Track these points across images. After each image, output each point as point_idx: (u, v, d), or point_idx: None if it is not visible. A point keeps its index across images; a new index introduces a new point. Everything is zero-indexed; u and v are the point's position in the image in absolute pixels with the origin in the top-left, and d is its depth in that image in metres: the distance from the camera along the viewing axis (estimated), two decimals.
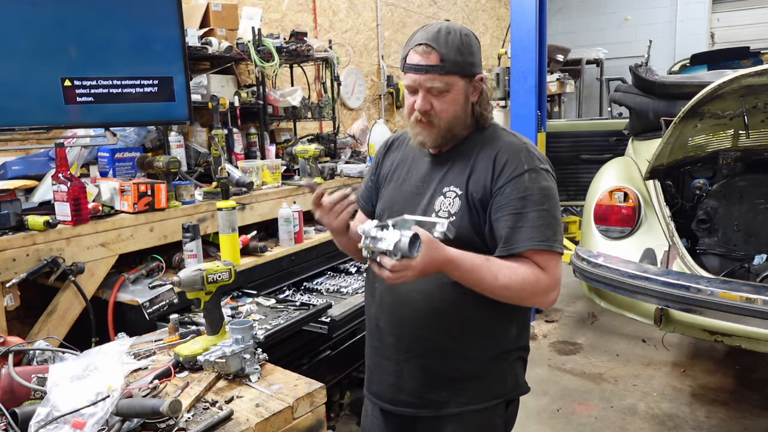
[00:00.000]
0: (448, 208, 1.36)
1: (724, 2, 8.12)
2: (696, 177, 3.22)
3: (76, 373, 1.22)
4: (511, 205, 1.29)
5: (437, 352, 1.41)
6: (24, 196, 2.33)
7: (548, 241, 1.27)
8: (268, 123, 3.48)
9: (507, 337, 1.45)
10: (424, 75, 1.31)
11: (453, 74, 1.31)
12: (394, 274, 1.14)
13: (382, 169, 1.57)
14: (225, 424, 1.18)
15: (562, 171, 4.89)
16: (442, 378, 1.41)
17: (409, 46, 1.34)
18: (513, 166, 1.31)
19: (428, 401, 1.43)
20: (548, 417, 3.03)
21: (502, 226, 1.29)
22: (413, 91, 1.35)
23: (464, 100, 1.36)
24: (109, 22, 2.30)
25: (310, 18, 4.59)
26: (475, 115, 1.41)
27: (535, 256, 1.27)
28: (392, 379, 1.47)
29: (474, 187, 1.34)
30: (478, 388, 1.42)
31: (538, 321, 4.32)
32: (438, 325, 1.39)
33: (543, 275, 1.27)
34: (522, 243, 1.27)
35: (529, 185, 1.29)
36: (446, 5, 6.56)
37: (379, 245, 1.13)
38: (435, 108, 1.33)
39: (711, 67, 4.44)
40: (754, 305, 2.22)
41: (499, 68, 4.60)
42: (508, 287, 1.25)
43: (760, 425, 2.89)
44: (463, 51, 1.32)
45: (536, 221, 1.27)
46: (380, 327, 1.48)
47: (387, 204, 1.50)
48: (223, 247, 2.41)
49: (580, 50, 7.77)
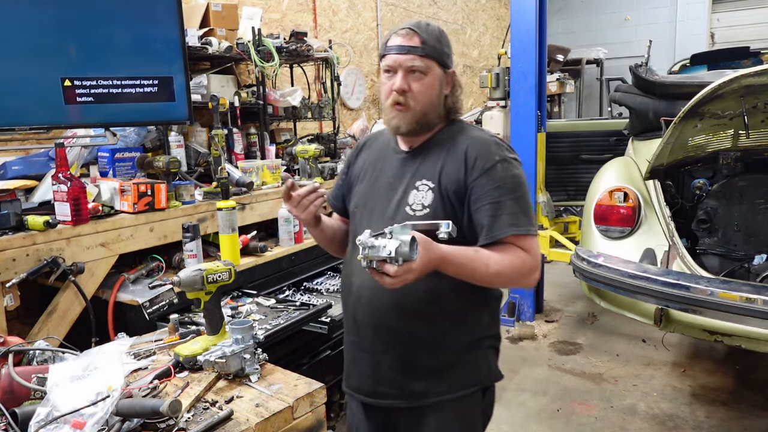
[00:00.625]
0: (421, 201, 1.41)
1: (724, 2, 8.12)
2: (696, 177, 3.22)
3: (76, 373, 1.22)
4: (488, 195, 1.35)
5: (415, 342, 1.44)
6: (24, 196, 2.33)
7: (526, 225, 1.36)
8: (268, 123, 3.48)
9: (480, 325, 1.50)
10: (405, 55, 1.37)
11: (432, 59, 1.39)
12: (396, 279, 1.16)
13: (354, 169, 1.61)
14: (225, 424, 1.18)
15: (562, 171, 4.89)
16: (421, 367, 1.45)
17: (390, 33, 1.42)
18: (485, 159, 1.38)
19: (408, 392, 1.46)
20: (548, 417, 3.03)
21: (482, 215, 1.36)
22: (393, 73, 1.39)
23: (439, 87, 1.43)
24: (109, 22, 2.30)
25: (310, 18, 4.59)
26: (447, 108, 1.47)
27: (517, 241, 1.35)
28: (371, 371, 1.50)
29: (447, 180, 1.40)
30: (455, 376, 1.46)
31: (538, 321, 4.32)
32: (415, 316, 1.43)
33: (527, 257, 1.35)
34: (503, 230, 1.34)
35: (502, 175, 1.37)
36: (446, 5, 6.56)
37: (380, 253, 1.14)
38: (413, 89, 1.38)
39: (711, 67, 4.43)
40: (754, 305, 2.22)
41: (499, 68, 4.59)
42: (499, 274, 1.31)
43: (760, 425, 2.89)
44: (441, 41, 1.41)
45: (513, 208, 1.35)
46: (358, 321, 1.50)
47: (361, 200, 1.54)
48: (223, 247, 2.41)
49: (580, 50, 7.77)
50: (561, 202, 5.01)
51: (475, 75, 7.13)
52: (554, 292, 4.95)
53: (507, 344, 3.97)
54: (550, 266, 5.12)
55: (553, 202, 4.54)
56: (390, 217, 1.42)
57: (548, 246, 4.04)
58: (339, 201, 1.66)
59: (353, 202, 1.57)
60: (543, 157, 4.41)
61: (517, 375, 3.50)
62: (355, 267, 1.46)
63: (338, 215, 1.69)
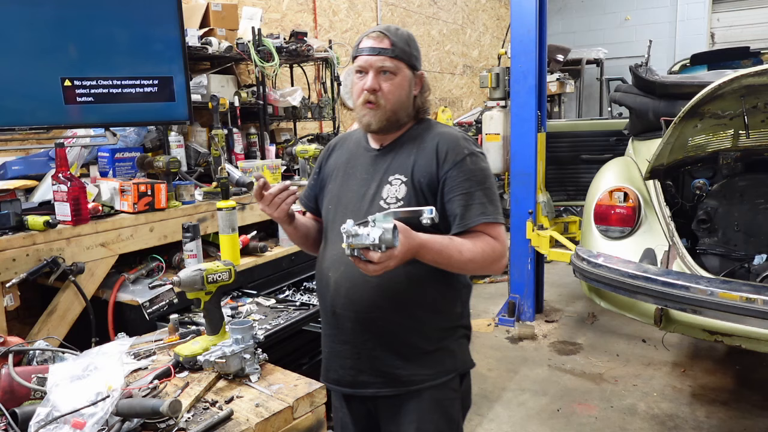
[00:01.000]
0: (395, 195, 1.48)
1: (724, 2, 8.12)
2: (696, 177, 3.21)
3: (76, 373, 1.22)
4: (460, 186, 1.44)
5: (395, 329, 1.50)
6: (24, 196, 2.33)
7: (494, 214, 1.45)
8: (268, 123, 3.49)
9: (453, 313, 1.57)
10: (376, 56, 1.45)
11: (401, 60, 1.47)
12: (379, 265, 1.22)
13: (326, 169, 1.67)
14: (225, 424, 1.18)
15: (562, 171, 4.89)
16: (400, 355, 1.50)
17: (361, 36, 1.50)
18: (455, 152, 1.47)
19: (390, 379, 1.51)
20: (548, 417, 3.03)
21: (455, 206, 1.44)
22: (364, 73, 1.47)
23: (408, 87, 1.51)
24: (109, 22, 2.31)
25: (310, 18, 4.59)
26: (416, 107, 1.55)
27: (486, 229, 1.44)
28: (351, 362, 1.54)
29: (420, 173, 1.47)
30: (435, 362, 1.52)
31: (538, 321, 4.32)
32: (393, 304, 1.48)
33: (496, 244, 1.44)
34: (475, 218, 1.43)
35: (471, 167, 1.46)
36: (446, 5, 6.56)
37: (363, 241, 1.19)
38: (383, 89, 1.46)
39: (711, 67, 4.43)
40: (754, 305, 2.21)
41: (499, 68, 4.59)
42: (472, 260, 1.40)
43: (760, 425, 2.89)
44: (410, 44, 1.50)
45: (482, 198, 1.44)
46: (337, 313, 1.53)
47: (334, 197, 1.60)
48: (223, 247, 2.41)
49: (580, 50, 7.77)
50: (561, 202, 5.01)
51: (475, 75, 7.13)
52: (554, 292, 4.95)
53: (507, 344, 3.97)
54: (550, 266, 5.12)
55: (553, 202, 4.54)
56: (364, 211, 1.47)
57: (548, 246, 4.04)
58: (312, 201, 1.71)
59: (326, 199, 1.63)
60: (543, 157, 4.41)
61: (517, 375, 3.50)
62: (332, 261, 1.53)
63: (311, 215, 1.74)
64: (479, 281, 5.46)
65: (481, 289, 5.24)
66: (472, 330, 1.65)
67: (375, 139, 1.57)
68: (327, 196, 1.63)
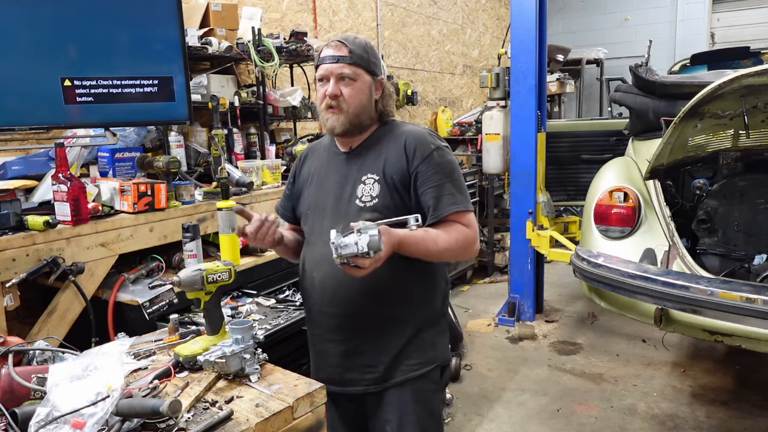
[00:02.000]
0: (370, 193, 1.56)
1: (724, 2, 8.12)
2: (696, 177, 3.21)
3: (76, 373, 1.22)
4: (430, 180, 1.53)
5: (378, 324, 1.57)
6: (24, 196, 2.33)
7: (464, 203, 1.54)
8: (268, 123, 3.48)
9: (434, 306, 1.66)
10: (335, 64, 1.53)
11: (359, 67, 1.54)
12: (367, 269, 1.31)
13: (300, 178, 1.75)
14: (225, 424, 1.18)
15: (562, 171, 4.89)
16: (385, 348, 1.58)
17: (321, 46, 1.58)
18: (423, 148, 1.55)
19: (376, 376, 1.58)
20: (548, 417, 3.03)
21: (428, 197, 1.53)
22: (326, 81, 1.54)
23: (369, 92, 1.58)
24: (109, 22, 2.30)
25: (310, 18, 4.59)
26: (378, 111, 1.62)
27: (458, 218, 1.53)
28: (338, 360, 1.61)
29: (391, 170, 1.55)
30: (416, 354, 1.59)
31: (538, 321, 4.32)
32: (377, 300, 1.55)
33: (468, 231, 1.53)
34: (447, 208, 1.52)
35: (439, 161, 1.55)
36: (446, 5, 6.56)
37: (353, 250, 1.27)
38: (344, 94, 1.53)
39: (711, 67, 4.43)
40: (754, 305, 2.21)
41: (499, 68, 4.59)
42: (448, 248, 1.49)
43: (760, 425, 2.89)
44: (368, 51, 1.57)
45: (452, 189, 1.53)
46: (323, 312, 1.61)
47: (312, 202, 1.67)
48: (223, 247, 2.40)
49: (580, 50, 7.76)
50: (561, 202, 5.01)
51: (475, 75, 7.13)
52: (554, 292, 4.95)
53: (507, 344, 3.98)
54: (550, 266, 5.12)
55: (553, 202, 4.55)
56: (343, 212, 1.56)
57: (548, 246, 4.04)
58: (289, 211, 1.78)
59: (304, 205, 1.70)
60: (543, 157, 4.41)
61: (517, 375, 3.50)
62: (315, 262, 1.61)
63: (289, 225, 1.81)
64: (479, 281, 5.46)
65: (481, 289, 5.24)
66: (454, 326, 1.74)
67: (342, 143, 1.64)
68: (304, 202, 1.70)
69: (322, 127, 1.61)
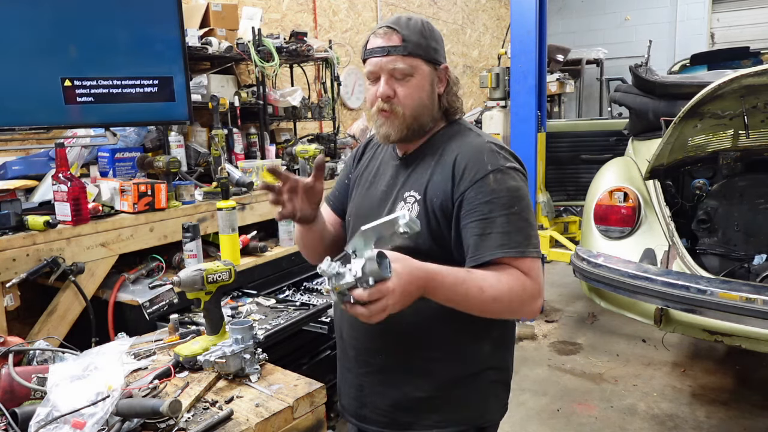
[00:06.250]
0: None
1: (724, 2, 8.12)
2: (696, 177, 3.22)
3: (76, 373, 1.22)
4: (477, 210, 1.17)
5: (395, 367, 1.31)
6: (24, 196, 2.33)
7: (520, 246, 1.16)
8: (268, 123, 3.48)
9: (477, 356, 1.31)
10: (386, 57, 1.22)
11: (416, 56, 1.23)
12: (372, 306, 0.96)
13: (356, 169, 1.48)
14: (225, 424, 1.18)
15: (562, 171, 4.89)
16: (403, 397, 1.31)
17: (369, 34, 1.28)
18: (475, 169, 1.20)
19: (391, 420, 1.33)
20: (548, 417, 3.03)
21: (469, 234, 1.18)
22: (375, 79, 1.26)
23: (430, 87, 1.27)
24: (109, 22, 2.31)
25: (310, 18, 4.59)
26: (443, 107, 1.32)
27: (513, 263, 1.16)
28: (354, 393, 1.40)
29: (433, 191, 1.24)
30: (443, 411, 1.30)
31: (538, 321, 4.32)
32: (400, 340, 1.28)
33: (528, 281, 1.15)
34: (491, 251, 1.15)
35: (495, 187, 1.18)
36: (446, 5, 6.56)
37: (347, 279, 0.94)
38: (398, 94, 1.24)
39: (711, 67, 4.43)
40: (754, 305, 2.22)
41: (499, 68, 4.59)
42: (496, 299, 1.12)
43: (760, 425, 2.89)
44: (425, 35, 1.25)
45: (506, 226, 1.16)
46: (343, 338, 1.42)
47: (355, 209, 1.41)
48: (223, 247, 2.41)
49: (580, 50, 7.76)
50: (561, 202, 5.02)
51: (475, 75, 7.13)
52: (554, 292, 4.95)
53: None
54: (550, 266, 5.12)
55: (553, 202, 4.55)
56: None
57: (548, 246, 4.04)
58: (338, 202, 1.51)
59: (349, 208, 1.44)
60: (543, 157, 4.41)
61: (517, 375, 3.49)
62: None
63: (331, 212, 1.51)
64: None
65: None
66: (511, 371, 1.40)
67: (399, 145, 1.35)
68: (351, 204, 1.43)
69: (376, 132, 1.32)
